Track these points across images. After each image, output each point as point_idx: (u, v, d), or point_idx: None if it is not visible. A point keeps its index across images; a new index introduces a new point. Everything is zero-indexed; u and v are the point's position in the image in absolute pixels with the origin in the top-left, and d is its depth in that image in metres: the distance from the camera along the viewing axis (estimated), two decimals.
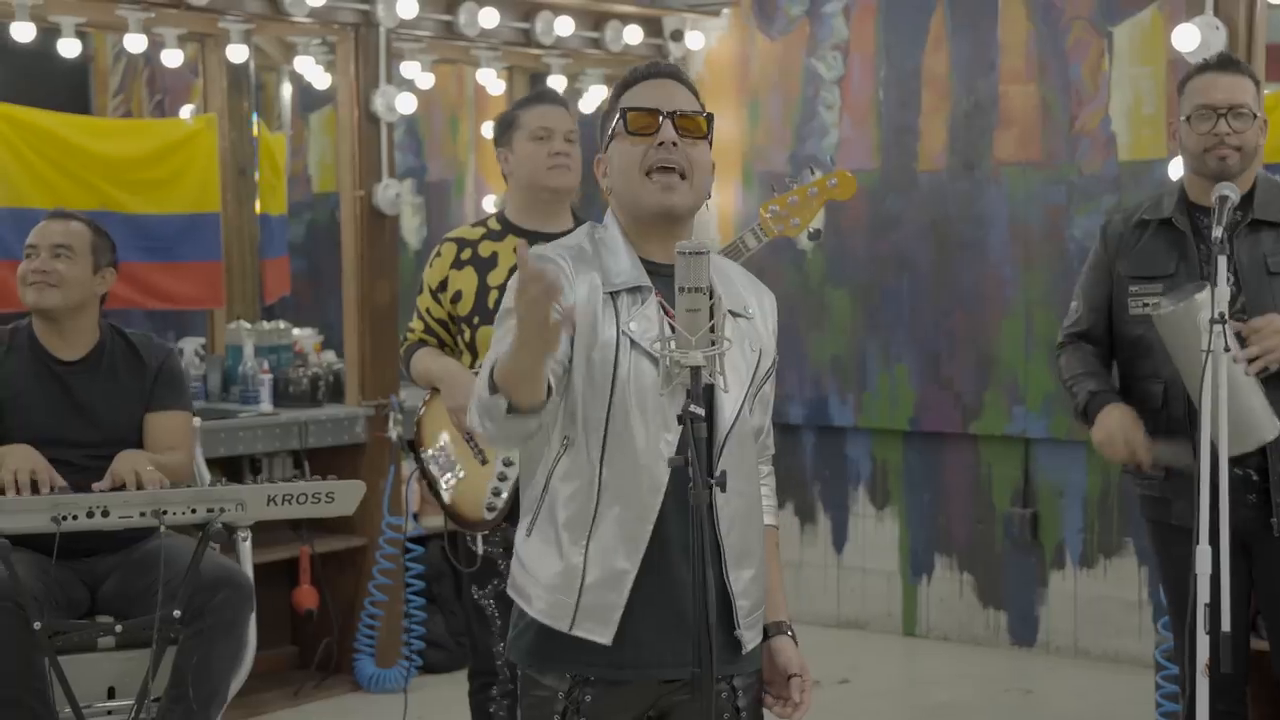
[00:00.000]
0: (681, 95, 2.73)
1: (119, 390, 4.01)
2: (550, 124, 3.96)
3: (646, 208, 2.66)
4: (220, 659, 3.74)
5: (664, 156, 2.63)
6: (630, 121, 2.66)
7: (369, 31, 6.13)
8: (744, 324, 2.72)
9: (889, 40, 6.86)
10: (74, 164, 5.70)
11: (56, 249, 4.01)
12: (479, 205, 8.10)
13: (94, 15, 5.83)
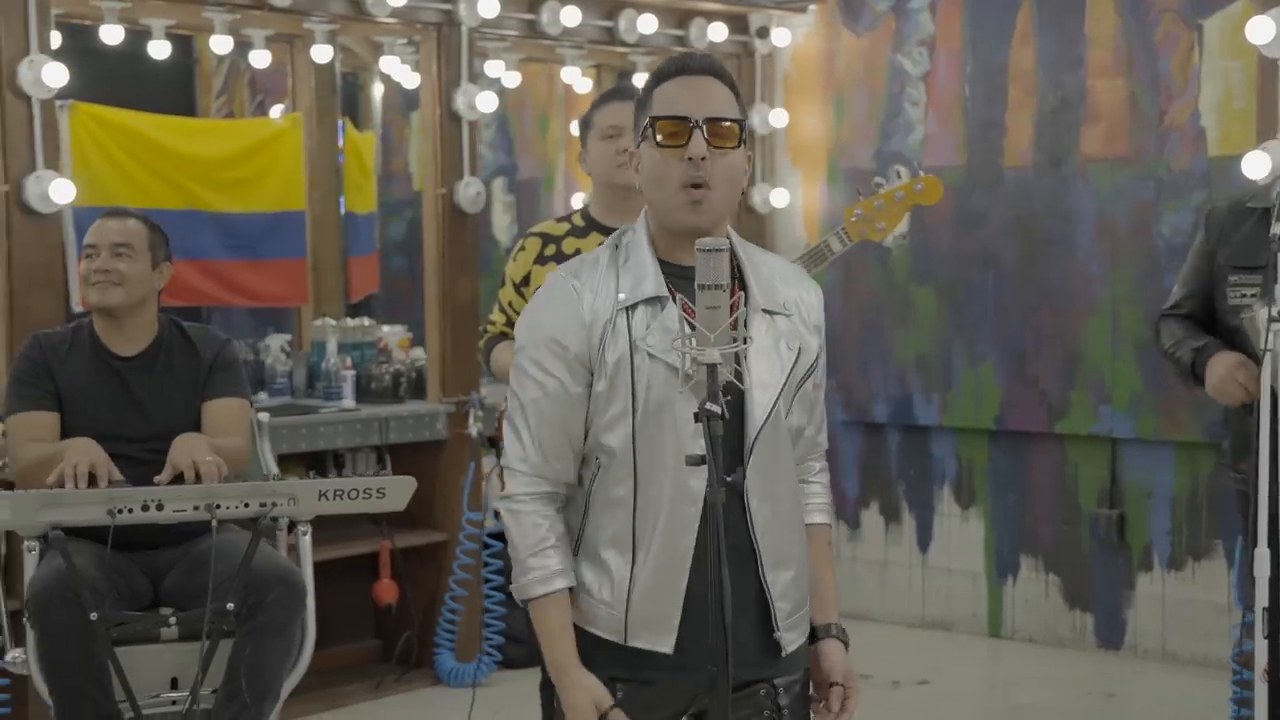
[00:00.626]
0: (716, 95, 2.63)
1: (175, 383, 4.08)
2: (620, 121, 3.95)
3: (674, 222, 2.63)
4: (273, 656, 3.79)
5: (693, 174, 2.59)
6: (660, 131, 2.61)
7: (451, 31, 6.18)
8: (782, 322, 2.68)
9: (975, 35, 6.79)
10: (162, 163, 5.81)
11: (117, 248, 4.08)
12: (568, 203, 8.14)
13: (182, 18, 5.93)
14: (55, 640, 3.59)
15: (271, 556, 3.82)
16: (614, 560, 2.62)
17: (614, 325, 2.60)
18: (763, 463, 2.61)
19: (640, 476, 2.59)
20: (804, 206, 7.37)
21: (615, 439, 2.60)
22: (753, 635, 2.65)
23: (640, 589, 2.60)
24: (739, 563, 2.56)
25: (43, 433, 3.90)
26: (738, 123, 2.63)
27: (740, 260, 2.68)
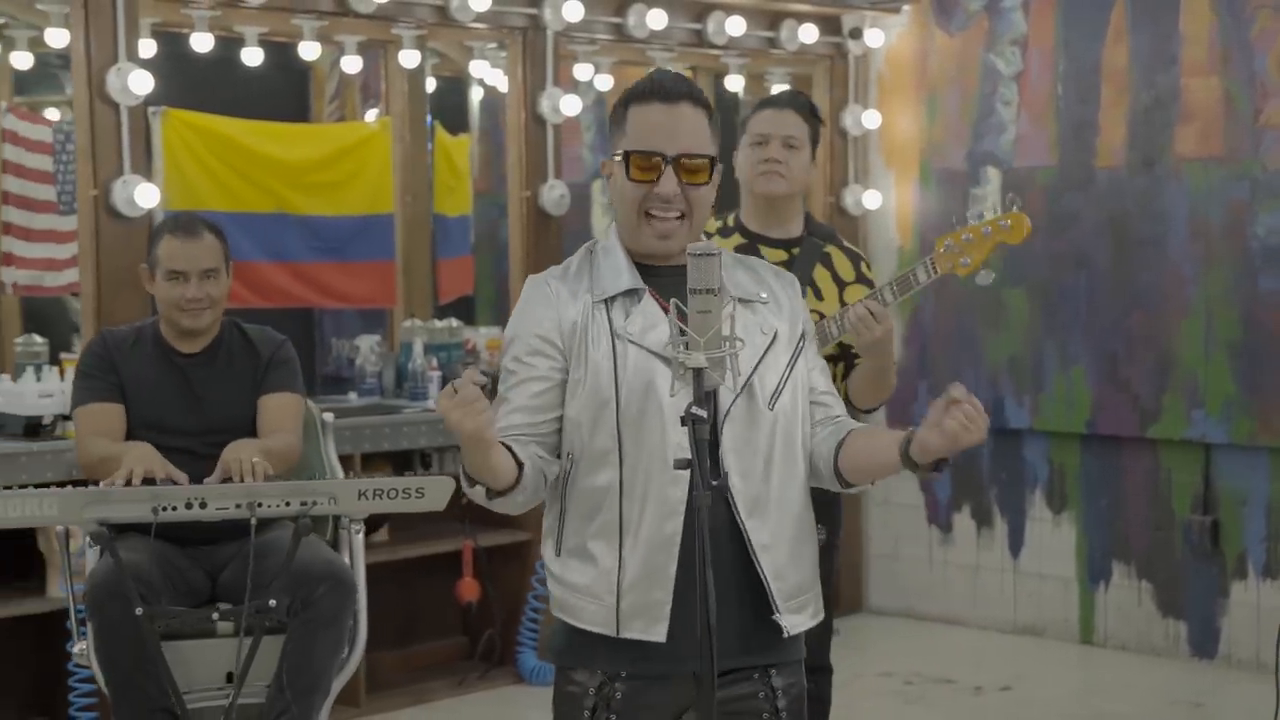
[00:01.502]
0: (690, 124, 2.68)
1: (233, 380, 4.18)
2: (768, 129, 3.97)
3: (640, 246, 2.71)
4: (322, 651, 3.86)
5: (661, 209, 2.66)
6: (632, 167, 2.66)
7: (536, 35, 6.24)
8: (758, 308, 2.74)
9: (1068, 34, 6.71)
10: (252, 168, 5.93)
11: (206, 273, 4.17)
12: None
13: (274, 25, 6.05)
14: (110, 634, 3.70)
15: (321, 553, 3.90)
16: (601, 551, 2.66)
17: (594, 318, 2.66)
18: (738, 445, 2.63)
19: (626, 464, 2.63)
20: (896, 208, 7.33)
21: (600, 429, 2.64)
22: (750, 619, 2.66)
23: (630, 577, 2.63)
24: (726, 545, 2.60)
25: (107, 425, 4.02)
26: (708, 158, 2.68)
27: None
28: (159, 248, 4.20)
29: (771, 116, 4.00)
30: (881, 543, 7.44)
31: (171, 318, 4.17)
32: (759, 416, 2.66)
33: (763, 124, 4.00)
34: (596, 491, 2.66)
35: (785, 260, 4.02)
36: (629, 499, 2.63)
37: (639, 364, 2.63)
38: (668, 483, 2.60)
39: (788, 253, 4.04)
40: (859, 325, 3.75)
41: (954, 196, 7.03)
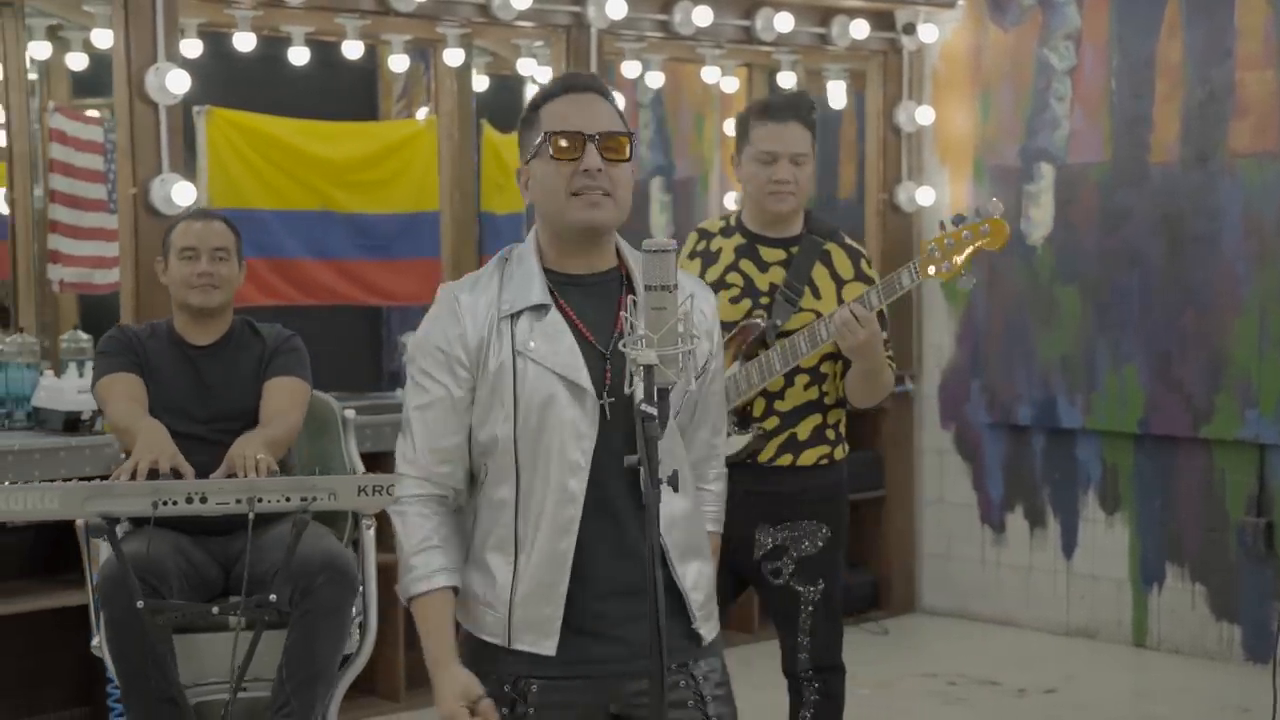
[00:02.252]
0: (604, 112, 2.69)
1: (240, 369, 4.24)
2: (776, 147, 3.94)
3: (572, 224, 2.68)
4: (322, 642, 3.89)
5: (587, 183, 2.64)
6: (554, 146, 2.66)
7: (580, 33, 6.25)
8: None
9: (1122, 28, 6.61)
10: (296, 166, 5.99)
11: (216, 251, 4.24)
12: (722, 202, 8.15)
13: (318, 24, 6.10)
14: (118, 626, 3.75)
15: (322, 544, 3.93)
16: (497, 563, 2.68)
17: (497, 332, 2.66)
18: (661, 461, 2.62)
19: (522, 479, 2.65)
20: (950, 205, 7.26)
21: (497, 443, 2.66)
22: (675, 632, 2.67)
23: (522, 591, 2.65)
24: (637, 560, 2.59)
25: (132, 390, 4.10)
26: (628, 135, 2.69)
27: (629, 266, 2.73)
28: (172, 234, 4.31)
29: (777, 132, 3.94)
30: (934, 542, 7.38)
31: (183, 298, 4.24)
32: (672, 440, 2.66)
33: (768, 141, 3.94)
34: (495, 505, 2.69)
35: (784, 259, 4.01)
36: (524, 516, 2.65)
37: (538, 381, 2.63)
38: (564, 501, 2.62)
39: (786, 252, 4.02)
40: (843, 330, 3.76)
41: (1007, 193, 6.95)
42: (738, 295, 4.01)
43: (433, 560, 2.68)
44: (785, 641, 4.11)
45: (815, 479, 4.04)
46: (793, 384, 3.98)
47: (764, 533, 4.00)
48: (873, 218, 7.31)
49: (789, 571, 4.02)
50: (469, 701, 2.60)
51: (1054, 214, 6.84)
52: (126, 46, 5.23)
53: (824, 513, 4.05)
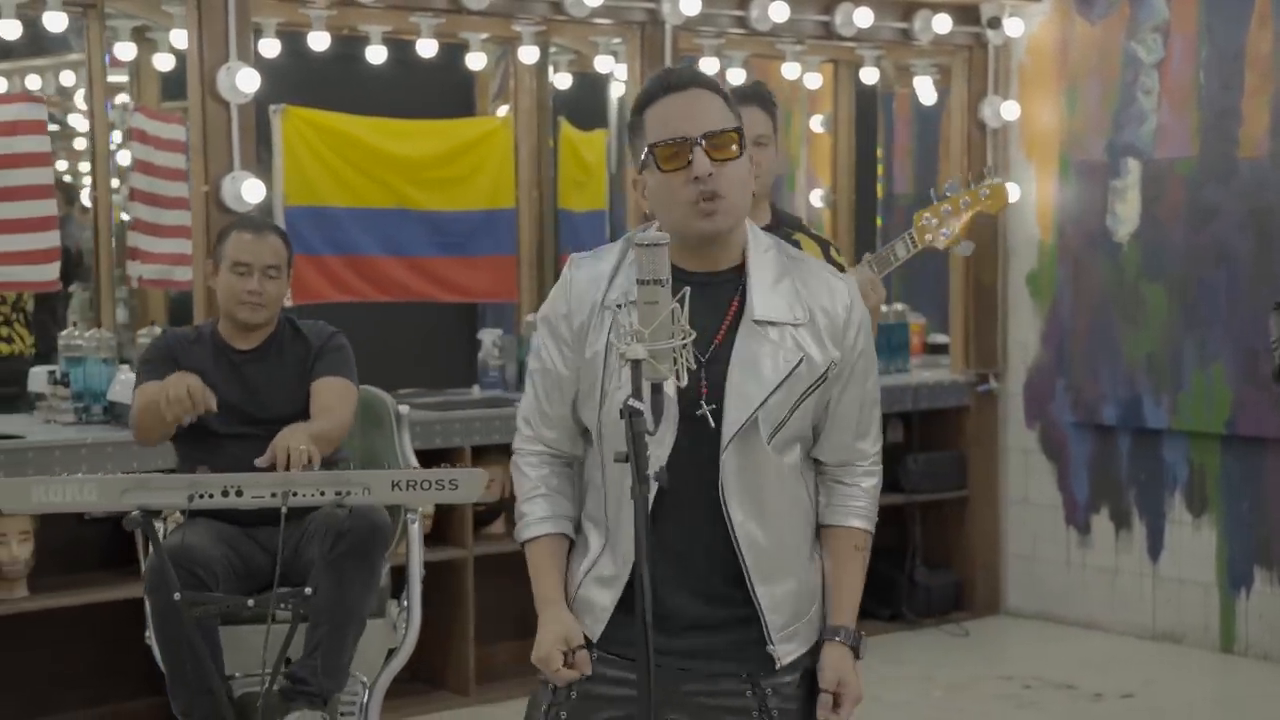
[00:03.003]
0: (707, 106, 2.60)
1: (284, 372, 4.28)
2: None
3: (692, 234, 2.61)
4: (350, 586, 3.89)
5: (701, 190, 2.56)
6: (660, 158, 2.59)
7: (655, 30, 6.24)
8: (776, 333, 2.62)
9: (1211, 20, 6.47)
10: (371, 164, 6.04)
11: (269, 269, 4.29)
12: (808, 199, 8.10)
13: (395, 23, 6.14)
14: (161, 617, 3.81)
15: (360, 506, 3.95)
16: (591, 534, 2.69)
17: (600, 319, 2.63)
18: (741, 477, 2.59)
19: (606, 467, 2.62)
20: (1037, 201, 7.15)
21: (592, 427, 2.66)
22: (749, 646, 2.64)
23: (594, 574, 2.65)
24: (729, 576, 2.60)
25: None
26: (736, 130, 2.60)
27: (747, 267, 2.66)
28: (227, 242, 4.33)
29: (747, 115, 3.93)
30: (1019, 543, 7.27)
31: (230, 310, 4.29)
32: (760, 452, 2.60)
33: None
34: (594, 483, 2.70)
35: None
36: (610, 501, 2.65)
37: (623, 374, 2.53)
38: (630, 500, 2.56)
39: None
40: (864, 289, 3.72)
41: (1094, 189, 6.84)
42: None
43: (537, 508, 2.69)
44: None
45: None
46: None
47: None
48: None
49: None
50: (567, 647, 2.59)
51: (1140, 210, 6.71)
52: (199, 46, 5.31)
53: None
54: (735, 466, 2.58)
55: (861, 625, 6.01)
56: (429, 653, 5.86)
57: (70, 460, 5.01)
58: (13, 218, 5.36)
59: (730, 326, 2.61)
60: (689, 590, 2.61)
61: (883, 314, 7.23)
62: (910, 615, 6.97)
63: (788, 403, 2.62)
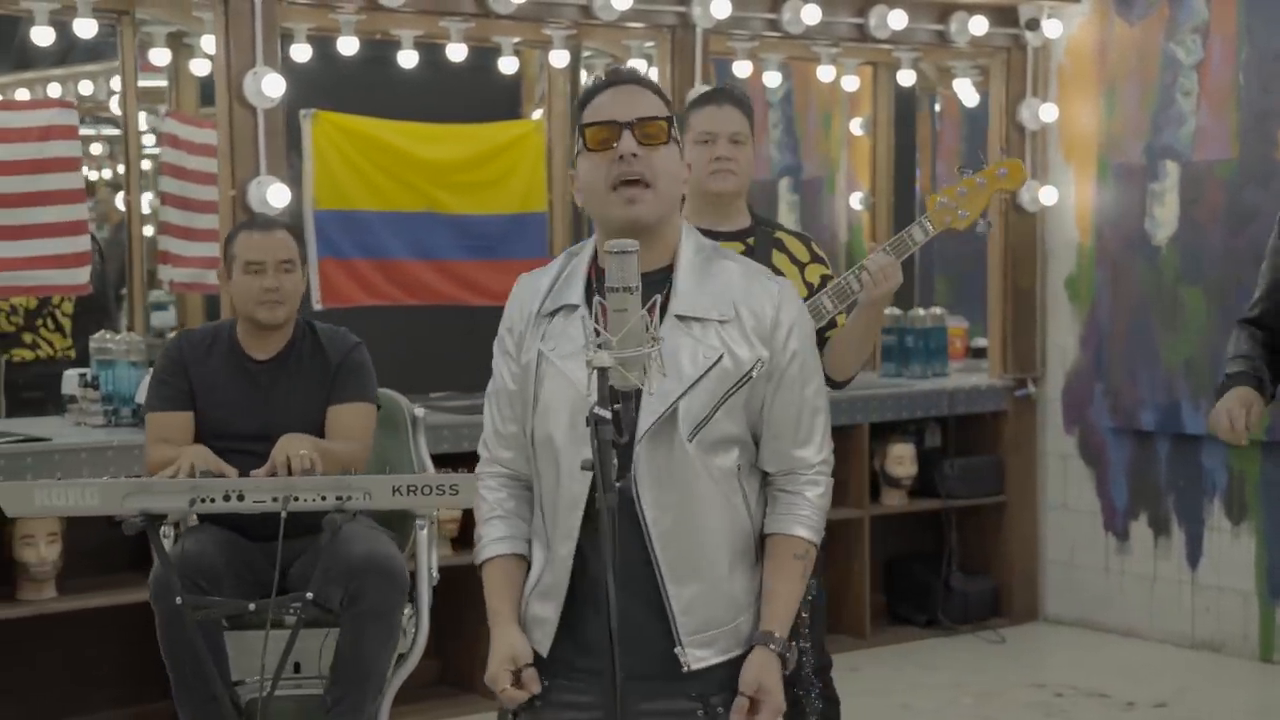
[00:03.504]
0: (643, 101, 2.64)
1: (303, 385, 4.22)
2: (714, 127, 3.92)
3: (614, 222, 2.62)
4: (370, 643, 3.92)
5: (624, 170, 2.59)
6: (589, 138, 2.63)
7: (685, 33, 6.23)
8: (699, 329, 2.61)
9: (1251, 21, 6.38)
10: (400, 167, 6.04)
11: (283, 264, 4.25)
12: (848, 203, 8.07)
13: (426, 28, 6.16)
14: (165, 622, 3.83)
15: (372, 545, 3.95)
16: (535, 553, 2.69)
17: (534, 327, 2.65)
18: (656, 471, 2.56)
19: (543, 479, 2.64)
20: (1076, 204, 7.08)
21: (526, 438, 2.66)
22: (657, 652, 2.59)
23: (539, 587, 2.65)
24: (636, 575, 2.55)
25: (172, 433, 4.12)
26: (666, 119, 2.63)
27: (676, 263, 2.66)
28: (235, 244, 4.30)
29: (715, 114, 3.92)
30: (1057, 549, 7.20)
31: (249, 312, 4.24)
32: (677, 447, 2.57)
33: (706, 121, 3.92)
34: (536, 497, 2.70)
35: (743, 251, 3.96)
36: (547, 512, 2.65)
37: (554, 383, 2.61)
38: (570, 506, 2.59)
39: (744, 244, 3.97)
40: (881, 274, 3.71)
41: (1132, 191, 6.77)
42: None
43: (493, 530, 2.70)
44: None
45: None
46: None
47: None
48: (996, 217, 7.14)
49: None
50: (514, 666, 2.60)
51: (1179, 213, 6.63)
52: (226, 52, 5.34)
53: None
54: (648, 461, 2.56)
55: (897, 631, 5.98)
56: (457, 656, 5.89)
57: (97, 463, 5.06)
58: (44, 222, 5.41)
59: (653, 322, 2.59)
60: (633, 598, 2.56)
61: (920, 317, 7.19)
62: (946, 622, 6.91)
63: (710, 401, 2.59)
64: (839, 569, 6.75)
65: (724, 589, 2.63)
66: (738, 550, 2.66)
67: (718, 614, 2.62)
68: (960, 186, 3.82)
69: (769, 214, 8.36)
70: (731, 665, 2.63)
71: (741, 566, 2.67)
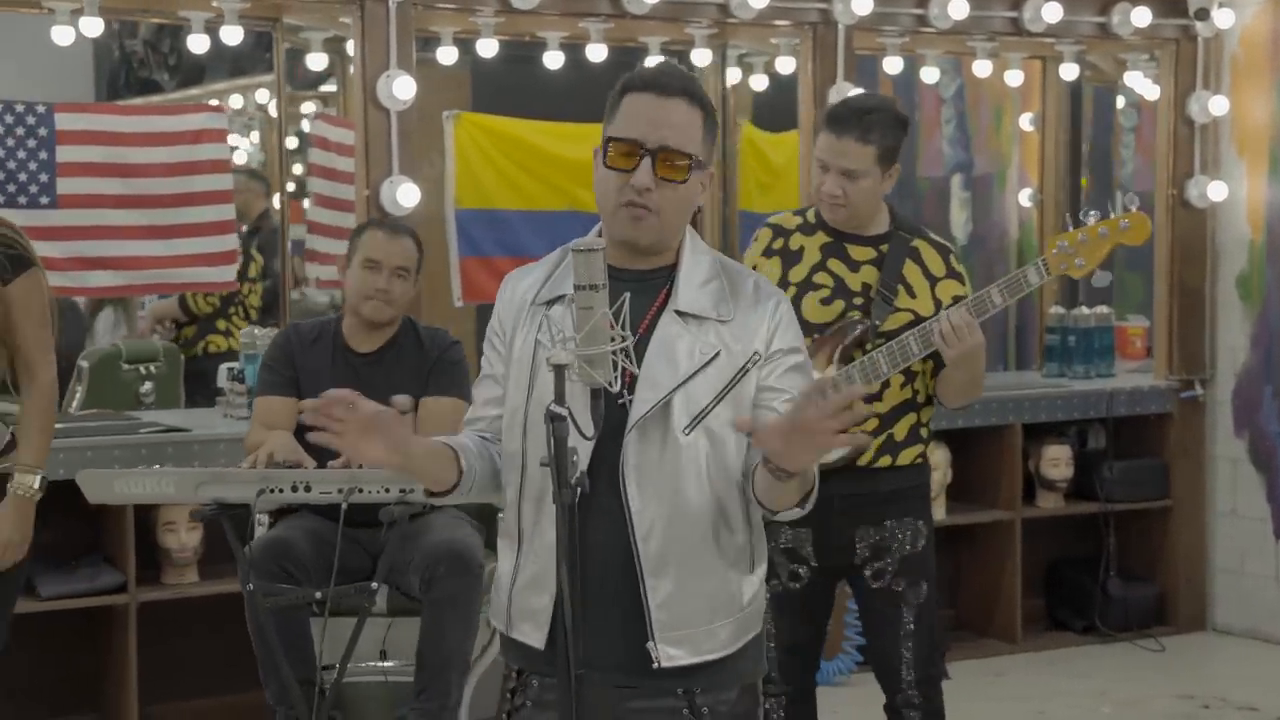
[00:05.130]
0: (677, 119, 2.59)
1: (401, 379, 4.32)
2: (824, 157, 3.89)
3: (614, 235, 2.65)
4: (450, 630, 4.00)
5: (632, 199, 2.58)
6: (610, 155, 2.61)
7: (827, 30, 6.19)
8: (697, 326, 2.61)
9: None
10: (543, 167, 6.14)
11: (399, 270, 4.40)
12: (1018, 199, 7.92)
13: (567, 29, 6.24)
14: (250, 608, 3.96)
15: (449, 534, 4.03)
16: (505, 551, 2.69)
17: (529, 317, 2.66)
18: (644, 463, 2.56)
19: (527, 469, 2.62)
20: (1247, 200, 6.82)
21: (512, 431, 2.66)
22: (627, 643, 2.59)
23: (521, 580, 2.64)
24: (617, 564, 2.55)
25: (274, 418, 4.29)
26: (689, 157, 2.59)
27: (679, 262, 2.66)
28: (360, 239, 4.48)
29: (826, 142, 3.88)
30: (1226, 557, 6.95)
31: (356, 306, 4.40)
32: (670, 440, 2.57)
33: (820, 149, 3.89)
34: (508, 491, 2.68)
35: (874, 258, 3.90)
36: (526, 503, 2.64)
37: (546, 372, 2.57)
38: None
39: (876, 250, 3.93)
40: (954, 335, 3.64)
41: None
42: (829, 296, 3.93)
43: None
44: (883, 656, 3.97)
45: (911, 478, 3.96)
46: (889, 384, 3.88)
47: (863, 534, 3.92)
48: (1162, 214, 6.92)
49: (891, 572, 3.92)
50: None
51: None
52: (362, 55, 5.50)
53: (920, 510, 3.97)
54: (638, 453, 2.55)
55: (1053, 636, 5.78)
56: None
57: (234, 453, 5.23)
58: (193, 221, 5.66)
59: (654, 317, 2.61)
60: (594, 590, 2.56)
61: (1084, 316, 7.01)
62: (1104, 628, 6.73)
63: (710, 392, 2.58)
64: (989, 571, 6.64)
65: (703, 589, 2.62)
66: (724, 554, 2.65)
67: (694, 613, 2.61)
68: (1081, 234, 3.76)
69: (939, 213, 8.30)
70: (710, 667, 2.62)
71: (726, 570, 2.65)
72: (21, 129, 5.45)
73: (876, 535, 3.92)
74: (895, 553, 3.91)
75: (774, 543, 3.98)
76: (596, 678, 2.50)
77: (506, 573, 2.69)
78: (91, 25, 5.49)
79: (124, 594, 5.18)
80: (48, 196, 5.47)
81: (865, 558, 3.93)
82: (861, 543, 3.92)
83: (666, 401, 2.57)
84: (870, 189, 3.88)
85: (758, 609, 2.72)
